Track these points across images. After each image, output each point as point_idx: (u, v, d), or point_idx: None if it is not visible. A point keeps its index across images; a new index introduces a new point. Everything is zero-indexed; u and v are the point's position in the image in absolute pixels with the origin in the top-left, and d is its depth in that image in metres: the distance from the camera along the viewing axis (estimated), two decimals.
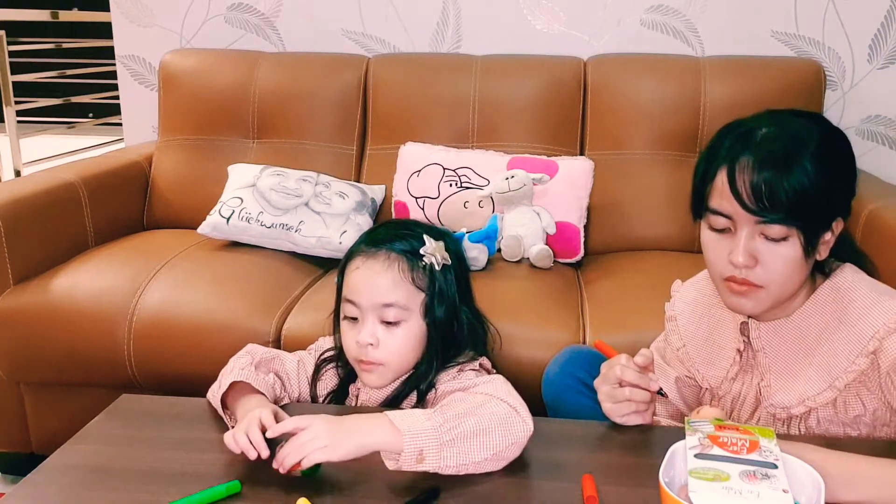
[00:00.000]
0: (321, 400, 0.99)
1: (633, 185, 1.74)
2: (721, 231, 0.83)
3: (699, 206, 0.85)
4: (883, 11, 1.82)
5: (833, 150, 0.81)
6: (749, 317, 0.90)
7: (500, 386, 0.83)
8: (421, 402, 0.92)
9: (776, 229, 0.79)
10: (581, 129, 1.81)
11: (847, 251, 0.88)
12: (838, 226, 0.84)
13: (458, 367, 0.93)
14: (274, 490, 0.75)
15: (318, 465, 0.76)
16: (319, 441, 0.74)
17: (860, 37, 1.84)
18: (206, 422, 0.89)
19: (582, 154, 1.80)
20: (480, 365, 0.95)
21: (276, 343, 1.36)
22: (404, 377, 0.94)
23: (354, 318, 0.91)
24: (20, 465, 1.54)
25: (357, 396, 0.97)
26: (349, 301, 0.91)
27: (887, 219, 1.39)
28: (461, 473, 0.76)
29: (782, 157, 0.78)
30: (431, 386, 0.92)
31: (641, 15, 1.90)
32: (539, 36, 1.94)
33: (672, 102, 1.75)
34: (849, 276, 0.86)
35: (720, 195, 0.81)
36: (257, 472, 0.78)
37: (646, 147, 1.76)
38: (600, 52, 1.91)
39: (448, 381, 0.91)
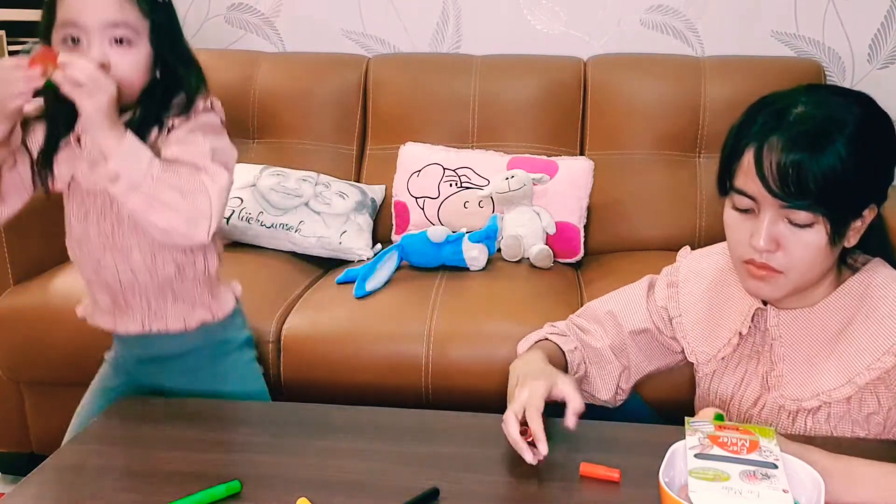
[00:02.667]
0: (35, 156, 0.93)
1: (633, 185, 1.74)
2: (744, 212, 0.80)
3: (724, 183, 0.82)
4: (883, 11, 1.82)
5: (872, 133, 0.76)
6: (766, 303, 0.87)
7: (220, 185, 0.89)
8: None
9: (802, 215, 0.75)
10: (581, 129, 1.81)
11: (877, 244, 0.85)
12: (871, 212, 0.80)
13: (191, 111, 0.92)
14: (274, 490, 0.75)
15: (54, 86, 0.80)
16: (92, 86, 0.80)
17: (860, 37, 1.84)
18: (206, 422, 0.89)
19: (582, 154, 1.80)
20: (206, 98, 0.95)
21: (277, 343, 1.36)
22: (129, 114, 0.91)
23: (76, 41, 0.86)
24: (20, 464, 1.54)
25: (80, 140, 0.92)
26: (69, 23, 0.86)
27: (887, 218, 1.38)
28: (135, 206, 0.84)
29: (814, 140, 0.74)
30: (164, 122, 0.90)
31: (641, 15, 1.90)
32: (539, 36, 1.94)
33: (672, 102, 1.75)
34: (881, 271, 0.83)
35: (746, 175, 0.78)
36: (257, 472, 0.78)
37: (646, 147, 1.76)
38: (600, 52, 1.91)
39: (181, 136, 0.90)
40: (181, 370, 1.01)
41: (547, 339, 0.97)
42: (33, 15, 3.41)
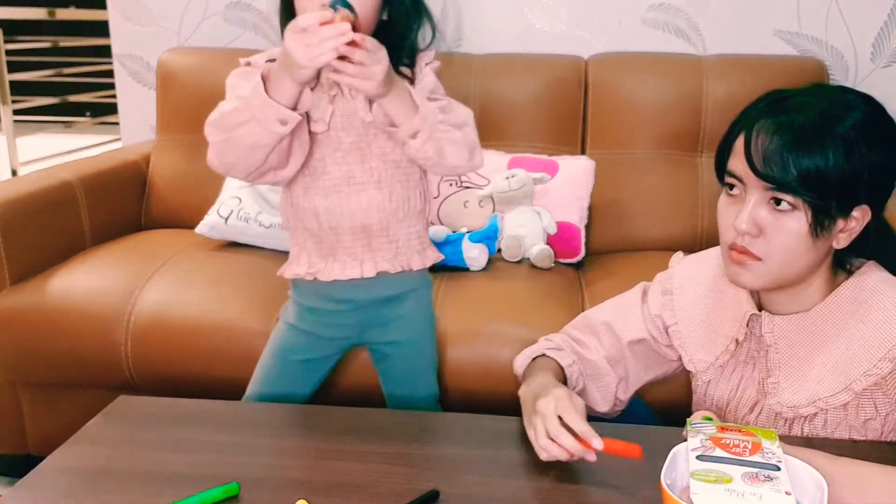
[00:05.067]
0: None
1: (634, 184, 1.74)
2: (734, 196, 0.81)
3: (721, 169, 0.83)
4: (886, 10, 1.82)
5: (870, 135, 0.77)
6: (761, 309, 0.87)
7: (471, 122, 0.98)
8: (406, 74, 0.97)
9: (781, 196, 0.76)
10: (582, 129, 1.81)
11: (882, 250, 0.85)
12: (864, 215, 0.79)
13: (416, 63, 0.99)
14: (272, 492, 0.75)
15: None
16: (372, 75, 0.86)
17: (863, 35, 1.84)
18: (204, 423, 0.89)
19: (583, 153, 1.80)
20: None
21: None
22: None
23: None
24: (17, 466, 1.53)
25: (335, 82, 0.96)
26: None
27: (888, 218, 1.38)
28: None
29: (804, 127, 0.75)
30: (414, 56, 0.98)
31: (643, 13, 1.89)
32: (540, 35, 1.93)
33: (674, 101, 1.75)
34: (874, 275, 0.83)
35: (736, 157, 0.80)
36: (256, 474, 0.77)
37: (647, 146, 1.76)
38: (601, 51, 1.90)
39: (426, 77, 0.98)
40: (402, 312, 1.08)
41: (545, 354, 0.96)
42: (30, 13, 3.41)
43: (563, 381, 0.93)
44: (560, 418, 0.76)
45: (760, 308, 0.88)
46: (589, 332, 0.98)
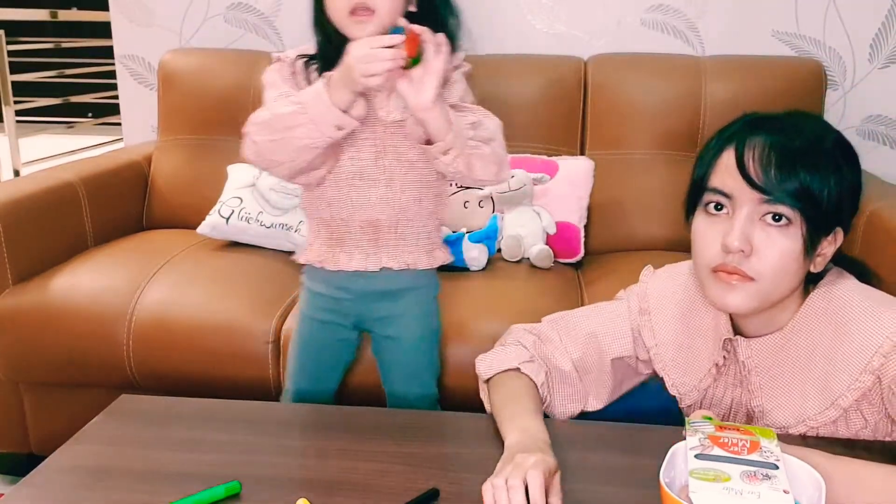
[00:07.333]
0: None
1: (633, 184, 1.74)
2: (716, 215, 0.78)
3: (696, 194, 0.80)
4: (884, 11, 1.82)
5: (846, 154, 0.78)
6: (736, 334, 0.85)
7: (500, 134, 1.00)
8: None
9: (780, 209, 0.74)
10: (581, 129, 1.81)
11: (851, 270, 0.85)
12: (838, 237, 0.80)
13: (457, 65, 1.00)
14: (273, 491, 0.75)
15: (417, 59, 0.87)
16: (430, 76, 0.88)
17: (861, 36, 1.84)
18: (206, 422, 0.89)
19: (582, 154, 1.80)
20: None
21: (276, 343, 1.36)
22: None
23: None
24: (19, 465, 1.54)
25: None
26: None
27: (887, 219, 1.39)
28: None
29: (796, 140, 0.75)
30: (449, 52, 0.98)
31: (642, 14, 1.90)
32: (539, 35, 1.94)
33: (673, 102, 1.75)
34: (841, 284, 0.82)
35: (724, 172, 0.77)
36: (257, 473, 0.78)
37: (646, 147, 1.76)
38: (601, 52, 1.90)
39: (456, 83, 1.00)
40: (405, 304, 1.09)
41: (518, 369, 0.90)
42: (32, 14, 3.42)
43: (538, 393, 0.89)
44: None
45: (737, 332, 0.86)
46: (567, 337, 0.95)
